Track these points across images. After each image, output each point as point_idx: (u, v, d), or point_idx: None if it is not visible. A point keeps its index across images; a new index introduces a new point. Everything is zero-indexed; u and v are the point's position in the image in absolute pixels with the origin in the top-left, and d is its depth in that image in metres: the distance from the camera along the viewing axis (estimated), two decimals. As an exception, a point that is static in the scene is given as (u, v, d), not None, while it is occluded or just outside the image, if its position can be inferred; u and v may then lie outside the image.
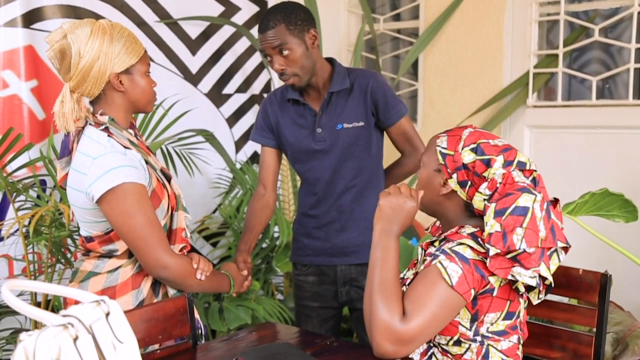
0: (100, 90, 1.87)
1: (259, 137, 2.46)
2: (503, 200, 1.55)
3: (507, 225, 1.52)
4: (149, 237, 1.82)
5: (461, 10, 3.70)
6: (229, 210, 3.53)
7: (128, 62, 1.85)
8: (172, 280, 1.89)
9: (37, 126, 3.00)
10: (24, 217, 2.62)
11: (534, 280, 1.54)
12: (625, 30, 3.37)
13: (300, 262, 2.49)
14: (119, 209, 1.80)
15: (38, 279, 2.81)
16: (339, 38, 4.25)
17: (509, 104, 3.56)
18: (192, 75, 3.66)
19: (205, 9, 3.68)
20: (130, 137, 1.91)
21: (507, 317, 1.62)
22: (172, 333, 1.81)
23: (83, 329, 0.92)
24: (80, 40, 1.80)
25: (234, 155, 3.91)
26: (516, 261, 1.53)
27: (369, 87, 2.32)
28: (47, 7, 3.01)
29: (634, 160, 3.23)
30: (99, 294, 1.87)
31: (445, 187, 1.68)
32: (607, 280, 1.79)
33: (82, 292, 1.00)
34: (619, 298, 2.89)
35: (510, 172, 1.59)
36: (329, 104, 2.31)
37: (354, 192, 2.37)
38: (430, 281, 1.54)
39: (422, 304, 1.53)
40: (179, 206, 2.00)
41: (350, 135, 2.31)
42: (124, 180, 1.78)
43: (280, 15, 2.19)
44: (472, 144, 1.64)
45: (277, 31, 2.17)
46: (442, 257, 1.56)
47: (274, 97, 2.44)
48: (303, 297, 2.50)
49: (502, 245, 1.52)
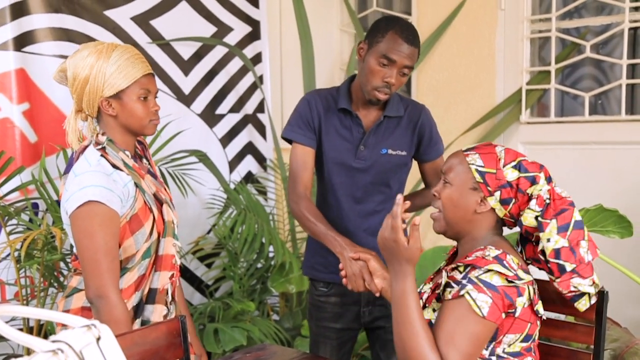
0: (96, 111, 1.88)
1: (300, 136, 2.29)
2: (562, 216, 1.58)
3: (573, 239, 1.58)
4: (98, 262, 1.78)
5: (453, 28, 3.72)
6: (224, 231, 3.51)
7: (118, 87, 1.83)
8: (99, 315, 1.79)
9: (29, 149, 2.98)
10: (15, 240, 2.59)
11: (592, 288, 1.61)
12: (616, 46, 3.39)
13: (321, 279, 2.39)
14: (78, 226, 1.78)
15: (30, 303, 2.78)
16: (332, 57, 4.26)
17: (502, 121, 3.56)
18: (184, 95, 3.66)
19: (198, 30, 3.69)
20: (126, 158, 1.89)
21: (525, 339, 1.61)
22: (165, 356, 1.79)
23: (73, 354, 0.91)
24: (77, 60, 1.84)
25: (227, 175, 3.91)
26: (575, 272, 1.58)
27: (420, 120, 2.30)
28: (38, 30, 3.01)
29: (627, 176, 3.23)
30: (79, 310, 1.90)
31: (483, 205, 1.66)
32: (603, 297, 1.78)
33: (73, 317, 0.98)
34: (615, 314, 2.87)
35: (554, 188, 1.63)
36: (379, 126, 2.28)
37: (382, 215, 2.32)
38: (462, 315, 1.52)
39: (456, 344, 1.50)
40: (167, 232, 1.96)
41: (391, 162, 2.28)
42: (91, 198, 1.76)
43: (418, 39, 2.17)
44: (513, 161, 1.65)
45: (415, 53, 2.15)
46: (470, 287, 1.53)
47: (318, 97, 2.33)
48: (323, 318, 2.41)
49: (574, 259, 1.58)
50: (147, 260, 1.92)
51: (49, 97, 3.05)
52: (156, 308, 1.94)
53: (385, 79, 2.14)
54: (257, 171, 4.07)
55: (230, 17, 3.85)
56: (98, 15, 3.24)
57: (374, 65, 2.14)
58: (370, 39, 2.18)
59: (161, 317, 1.94)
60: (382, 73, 2.14)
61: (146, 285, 1.94)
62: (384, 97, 2.18)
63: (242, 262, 3.59)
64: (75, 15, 3.14)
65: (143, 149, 2.05)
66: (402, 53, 2.11)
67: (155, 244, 1.93)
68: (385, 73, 2.14)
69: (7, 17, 2.90)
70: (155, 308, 1.94)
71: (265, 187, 4.07)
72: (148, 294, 1.94)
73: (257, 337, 3.07)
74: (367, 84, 2.18)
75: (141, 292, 1.93)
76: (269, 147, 4.10)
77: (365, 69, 2.18)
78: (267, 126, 4.08)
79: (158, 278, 1.95)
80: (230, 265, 3.57)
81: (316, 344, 2.44)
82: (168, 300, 1.97)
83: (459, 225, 1.70)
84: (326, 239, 2.12)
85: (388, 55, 2.12)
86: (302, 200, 2.24)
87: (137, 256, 1.89)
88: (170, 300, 1.99)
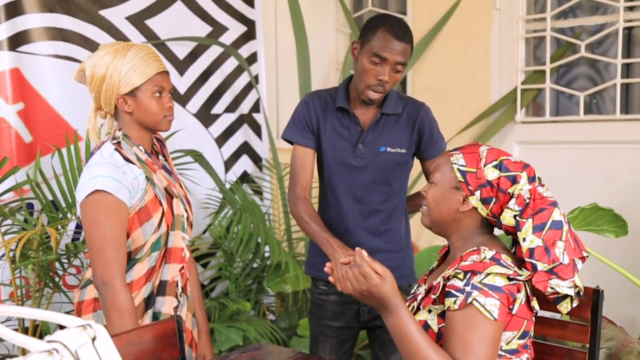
0: (114, 108, 1.96)
1: (299, 138, 2.32)
2: (539, 215, 1.57)
3: (548, 239, 1.56)
4: (104, 250, 1.84)
5: (448, 28, 3.73)
6: (219, 231, 3.51)
7: (133, 84, 1.92)
8: (104, 302, 1.86)
9: (24, 149, 2.97)
10: (10, 241, 2.58)
11: (571, 290, 1.58)
12: (611, 46, 3.40)
13: (321, 277, 2.39)
14: (86, 215, 1.85)
15: (26, 303, 2.77)
16: (327, 57, 4.26)
17: (497, 120, 3.57)
18: (180, 95, 3.66)
19: (193, 30, 3.68)
20: (140, 153, 1.97)
21: (522, 336, 1.61)
22: (161, 356, 1.79)
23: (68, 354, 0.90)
24: (95, 59, 1.93)
25: (223, 175, 3.90)
26: (553, 273, 1.56)
27: (419, 118, 2.30)
28: (33, 29, 3.00)
29: (622, 175, 3.24)
30: (92, 301, 1.96)
31: (465, 204, 1.67)
32: (599, 296, 1.78)
33: (68, 317, 0.98)
34: (611, 313, 2.88)
35: (536, 188, 1.61)
36: (377, 123, 2.28)
37: (383, 215, 2.33)
38: (474, 323, 1.52)
39: (476, 351, 1.50)
40: (177, 226, 2.01)
41: (390, 160, 2.28)
42: (98, 187, 1.83)
43: (410, 35, 2.16)
44: (494, 160, 1.65)
45: (407, 49, 2.14)
46: (476, 293, 1.52)
47: (317, 97, 2.35)
48: (323, 317, 2.42)
49: (547, 259, 1.55)
50: (156, 253, 1.98)
51: (44, 97, 3.04)
52: (166, 300, 1.99)
53: (378, 77, 2.14)
54: (252, 171, 4.06)
55: (225, 17, 3.85)
56: (93, 14, 3.23)
57: (366, 64, 2.14)
58: (362, 38, 2.19)
59: (171, 308, 1.99)
60: (374, 71, 2.14)
61: (157, 278, 2.00)
62: (377, 96, 2.18)
63: (238, 262, 3.59)
64: (70, 14, 3.13)
65: (161, 147, 2.15)
66: (393, 50, 2.11)
67: (164, 236, 1.99)
68: (378, 71, 2.14)
69: (2, 17, 2.89)
70: (165, 300, 1.99)
71: (260, 187, 4.07)
72: (159, 286, 2.00)
73: (253, 337, 3.07)
74: (361, 83, 2.19)
75: (152, 284, 1.98)
76: (265, 147, 4.10)
77: (359, 68, 2.18)
78: (262, 126, 4.07)
79: (168, 270, 2.00)
80: (226, 265, 3.57)
81: (316, 342, 2.45)
82: (178, 292, 2.02)
83: (444, 223, 1.72)
84: (319, 240, 2.16)
85: (379, 53, 2.12)
86: (299, 202, 2.26)
87: (146, 247, 1.95)
88: (181, 292, 2.03)
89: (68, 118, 3.10)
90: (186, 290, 2.08)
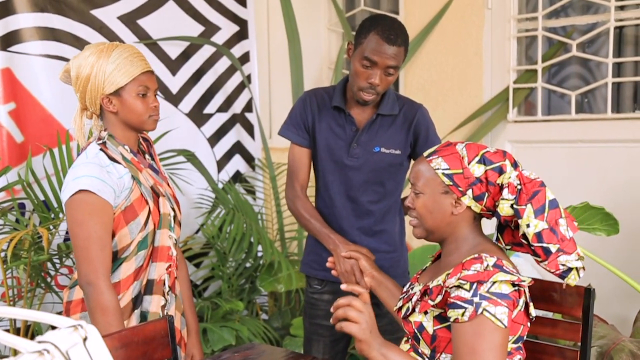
0: (99, 108, 1.96)
1: (295, 136, 2.33)
2: (536, 199, 1.57)
3: (551, 220, 1.57)
4: (88, 249, 1.84)
5: (440, 27, 3.73)
6: (212, 231, 3.50)
7: (117, 84, 1.91)
8: (88, 301, 1.85)
9: (15, 149, 2.97)
10: (2, 241, 2.57)
11: (579, 262, 1.58)
12: (602, 45, 3.41)
13: (315, 275, 2.40)
14: (70, 215, 1.86)
15: (17, 304, 2.77)
16: (319, 56, 4.26)
17: (489, 120, 3.58)
18: (172, 95, 3.65)
19: (185, 29, 3.68)
20: (125, 153, 1.97)
21: (516, 341, 1.62)
22: (153, 356, 1.78)
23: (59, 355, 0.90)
24: (80, 60, 1.93)
25: (215, 175, 3.90)
26: (560, 251, 1.57)
27: (415, 119, 2.29)
28: (24, 29, 2.99)
29: (614, 174, 3.25)
30: (80, 302, 1.96)
31: (458, 206, 1.66)
32: (590, 294, 1.79)
33: (59, 318, 0.98)
34: (602, 311, 2.89)
35: (521, 172, 1.62)
36: (372, 124, 2.27)
37: (376, 215, 2.33)
38: (484, 332, 1.51)
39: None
40: (163, 224, 2.00)
41: (384, 160, 2.28)
42: (82, 187, 1.83)
43: (404, 37, 2.13)
44: (476, 156, 1.65)
45: (400, 52, 2.12)
46: (485, 303, 1.52)
47: (313, 96, 2.35)
48: (316, 316, 2.42)
49: (556, 239, 1.56)
50: (143, 252, 1.98)
51: (36, 97, 3.03)
52: (154, 299, 1.99)
53: (369, 80, 2.14)
54: (245, 170, 4.06)
55: (217, 17, 3.85)
56: (84, 14, 3.22)
57: (357, 66, 2.14)
58: (355, 40, 2.18)
59: (159, 307, 1.98)
60: (366, 74, 2.14)
61: (144, 277, 1.99)
62: (369, 98, 2.18)
63: (231, 261, 3.59)
64: (62, 14, 3.12)
65: (148, 146, 2.15)
66: (384, 54, 2.10)
67: (151, 235, 1.99)
68: (369, 74, 2.13)
69: (-7, 17, 2.89)
70: (153, 299, 1.99)
71: (253, 187, 4.06)
72: (146, 285, 2.00)
73: (246, 336, 3.07)
74: (354, 84, 2.19)
75: (140, 283, 1.98)
76: (257, 147, 4.10)
77: (352, 70, 2.19)
78: (255, 125, 4.07)
79: (155, 269, 2.00)
80: (218, 264, 3.57)
81: (309, 341, 2.45)
82: (165, 290, 2.01)
83: (440, 229, 1.70)
84: (320, 236, 2.23)
85: (370, 57, 2.11)
86: (297, 199, 2.32)
87: (132, 246, 1.95)
88: (168, 290, 2.03)
89: (59, 118, 3.09)
90: (174, 289, 2.07)
